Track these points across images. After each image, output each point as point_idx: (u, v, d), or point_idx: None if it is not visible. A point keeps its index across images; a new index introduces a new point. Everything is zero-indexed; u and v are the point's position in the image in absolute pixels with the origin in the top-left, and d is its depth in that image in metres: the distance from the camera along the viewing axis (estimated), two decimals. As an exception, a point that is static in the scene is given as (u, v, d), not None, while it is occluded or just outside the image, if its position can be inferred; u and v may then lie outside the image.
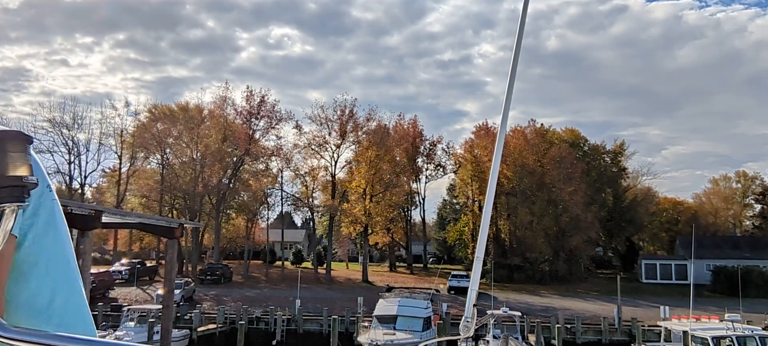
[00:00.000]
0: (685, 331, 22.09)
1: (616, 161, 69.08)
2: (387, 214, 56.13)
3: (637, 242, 71.13)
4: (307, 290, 40.11)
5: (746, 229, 70.95)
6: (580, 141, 66.90)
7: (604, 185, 64.95)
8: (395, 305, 26.49)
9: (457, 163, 64.88)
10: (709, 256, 52.05)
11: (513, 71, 2.44)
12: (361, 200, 55.02)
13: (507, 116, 2.25)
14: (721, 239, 60.75)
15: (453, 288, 44.98)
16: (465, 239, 60.31)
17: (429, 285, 38.34)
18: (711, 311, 28.46)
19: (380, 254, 72.06)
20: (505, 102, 2.37)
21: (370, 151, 54.32)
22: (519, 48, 2.56)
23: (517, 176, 55.68)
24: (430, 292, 30.53)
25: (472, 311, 2.12)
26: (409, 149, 61.86)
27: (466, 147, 62.38)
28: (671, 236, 68.63)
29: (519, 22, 2.50)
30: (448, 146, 67.20)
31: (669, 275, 54.75)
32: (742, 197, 73.06)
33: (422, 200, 67.28)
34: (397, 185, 57.83)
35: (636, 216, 66.77)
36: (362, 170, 54.75)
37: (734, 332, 21.08)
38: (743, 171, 74.66)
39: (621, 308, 32.89)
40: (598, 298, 44.79)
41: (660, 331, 25.32)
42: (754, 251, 54.17)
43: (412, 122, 64.27)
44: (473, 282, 2.21)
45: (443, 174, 68.01)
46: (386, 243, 61.94)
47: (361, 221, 54.59)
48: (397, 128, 62.45)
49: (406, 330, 24.13)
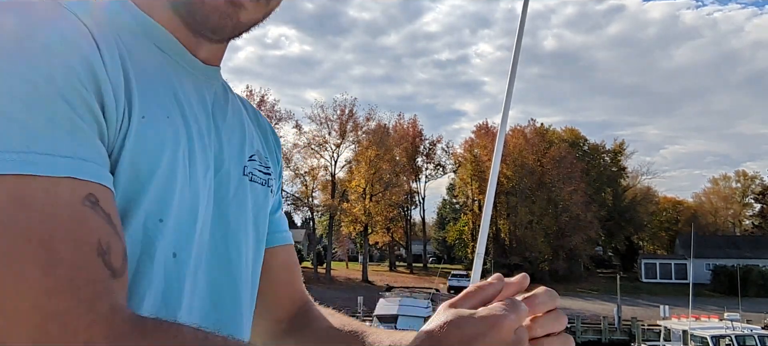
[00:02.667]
0: (685, 330, 22.12)
1: (616, 161, 69.10)
2: (387, 213, 56.17)
3: (636, 241, 71.18)
4: (307, 290, 40.00)
5: (746, 228, 70.99)
6: (580, 141, 66.91)
7: (604, 185, 64.97)
8: (396, 304, 26.52)
9: (457, 163, 64.92)
10: (709, 255, 52.09)
11: (513, 71, 2.46)
12: (360, 200, 55.06)
13: (507, 116, 2.26)
14: (720, 239, 60.76)
15: (453, 288, 44.98)
16: (465, 239, 60.35)
17: (429, 285, 38.38)
18: (711, 310, 28.50)
19: (380, 253, 72.12)
20: (505, 101, 2.38)
21: (370, 151, 54.35)
22: (519, 47, 2.57)
23: (517, 176, 55.72)
24: (430, 292, 30.55)
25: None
26: (408, 149, 61.90)
27: (465, 147, 62.46)
28: (671, 236, 68.69)
29: (519, 21, 2.51)
30: (448, 146, 67.33)
31: (669, 275, 54.79)
32: (741, 196, 73.09)
33: (422, 200, 67.33)
34: (396, 184, 57.87)
35: (636, 215, 66.79)
36: (362, 170, 54.79)
37: (734, 331, 21.10)
38: (743, 170, 74.79)
39: (621, 307, 32.93)
40: (597, 297, 44.83)
41: (660, 330, 25.34)
42: (753, 251, 54.18)
43: (412, 122, 64.37)
44: (474, 274, 2.22)
45: (443, 174, 68.09)
46: (386, 243, 61.97)
47: (361, 221, 54.62)
48: (397, 128, 62.53)
49: (407, 330, 24.16)
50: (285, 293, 1.10)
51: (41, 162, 0.57)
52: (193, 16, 0.77)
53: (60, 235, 0.57)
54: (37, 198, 0.56)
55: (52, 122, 0.59)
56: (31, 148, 0.57)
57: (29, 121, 0.58)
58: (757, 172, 74.56)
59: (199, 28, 0.79)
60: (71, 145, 0.60)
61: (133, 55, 0.73)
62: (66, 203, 0.58)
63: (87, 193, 0.60)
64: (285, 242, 1.08)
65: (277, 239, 1.06)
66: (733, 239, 61.70)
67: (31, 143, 0.57)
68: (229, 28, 0.79)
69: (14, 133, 0.57)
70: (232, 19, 0.78)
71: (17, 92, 0.58)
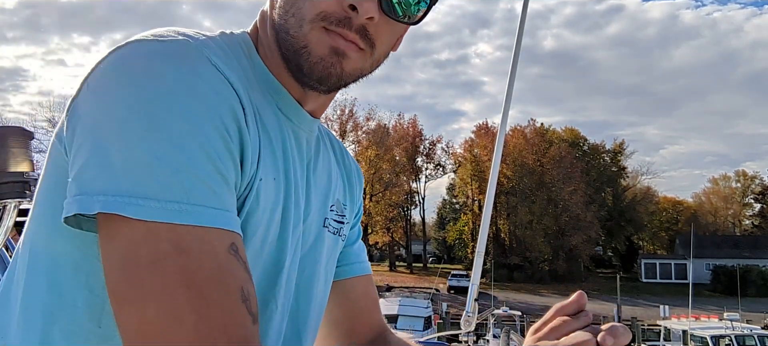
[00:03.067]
0: (685, 330, 22.12)
1: (616, 161, 69.09)
2: (387, 213, 56.22)
3: (636, 241, 71.17)
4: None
5: (746, 228, 70.99)
6: (580, 140, 66.89)
7: (604, 185, 64.97)
8: (396, 304, 26.57)
9: (457, 163, 64.93)
10: (709, 255, 52.10)
11: (513, 70, 2.45)
12: (360, 200, 55.14)
13: (507, 115, 2.27)
14: (720, 239, 60.77)
15: (453, 288, 45.00)
16: (465, 239, 60.36)
17: (429, 285, 38.40)
18: (710, 310, 28.50)
19: (380, 253, 72.12)
20: (505, 101, 2.38)
21: (370, 151, 54.41)
22: (519, 47, 2.57)
23: (517, 176, 55.73)
24: (430, 291, 30.58)
25: (474, 306, 2.14)
26: (408, 149, 61.90)
27: (465, 146, 62.47)
28: (671, 236, 68.68)
29: (519, 20, 2.52)
30: (448, 146, 67.34)
31: (668, 275, 54.80)
32: (741, 196, 73.09)
33: (422, 200, 67.32)
34: (396, 184, 57.91)
35: (635, 215, 66.79)
36: (362, 170, 54.84)
37: (733, 331, 21.10)
38: (743, 170, 74.76)
39: (621, 307, 32.95)
40: (597, 297, 44.84)
41: (659, 330, 25.35)
42: (753, 251, 54.18)
43: (412, 122, 64.36)
44: (474, 277, 2.23)
45: (443, 174, 68.09)
46: (386, 243, 61.97)
47: (361, 221, 54.66)
48: (397, 128, 62.55)
49: (408, 329, 24.21)
50: (365, 322, 1.12)
51: (196, 213, 0.62)
52: (300, 68, 0.79)
53: (213, 282, 0.60)
54: (193, 246, 0.61)
55: (205, 174, 0.64)
56: (188, 200, 0.62)
57: (186, 173, 0.62)
58: (757, 172, 74.59)
59: (306, 80, 0.80)
60: (219, 198, 0.65)
61: (262, 116, 0.77)
62: (216, 251, 0.62)
63: (231, 242, 0.64)
64: (364, 273, 1.11)
65: (356, 269, 1.10)
66: (733, 239, 61.70)
67: (187, 194, 0.62)
68: (335, 78, 0.79)
69: (174, 183, 0.62)
70: (337, 68, 0.78)
71: (177, 143, 0.63)
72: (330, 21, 0.76)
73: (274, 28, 0.82)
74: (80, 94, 0.69)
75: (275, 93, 0.83)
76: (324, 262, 0.95)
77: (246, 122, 0.71)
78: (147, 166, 0.62)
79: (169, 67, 0.67)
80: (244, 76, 0.77)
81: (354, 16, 0.76)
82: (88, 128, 0.65)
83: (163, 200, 0.61)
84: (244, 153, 0.71)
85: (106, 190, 0.61)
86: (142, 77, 0.65)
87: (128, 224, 0.60)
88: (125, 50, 0.69)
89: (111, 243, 0.62)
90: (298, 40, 0.78)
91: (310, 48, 0.77)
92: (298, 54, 0.78)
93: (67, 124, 0.70)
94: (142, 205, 0.60)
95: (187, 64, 0.68)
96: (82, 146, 0.65)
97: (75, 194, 0.63)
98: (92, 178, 0.62)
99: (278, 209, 0.80)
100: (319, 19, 0.77)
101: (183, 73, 0.67)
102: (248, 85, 0.77)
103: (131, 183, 0.61)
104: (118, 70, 0.67)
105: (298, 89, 0.85)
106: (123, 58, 0.68)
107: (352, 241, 1.10)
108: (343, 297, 1.06)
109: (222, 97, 0.69)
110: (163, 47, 0.68)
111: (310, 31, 0.77)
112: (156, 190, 0.61)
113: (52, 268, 0.74)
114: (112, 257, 0.62)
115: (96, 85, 0.68)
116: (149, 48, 0.68)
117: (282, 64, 0.82)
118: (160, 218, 0.60)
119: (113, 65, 0.68)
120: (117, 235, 0.61)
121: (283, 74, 0.83)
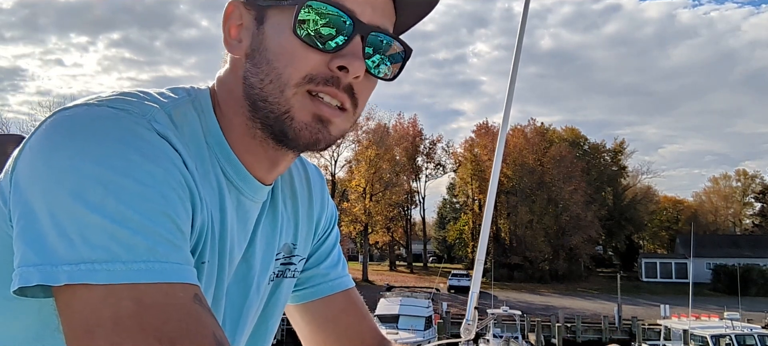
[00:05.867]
0: (685, 329, 22.14)
1: (616, 160, 69.06)
2: (387, 213, 56.17)
3: (637, 240, 71.17)
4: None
5: (746, 227, 70.96)
6: (580, 140, 66.87)
7: (604, 184, 64.96)
8: (397, 304, 26.58)
9: (457, 163, 64.90)
10: (709, 254, 52.08)
11: (514, 70, 2.43)
12: (360, 199, 55.06)
13: (508, 116, 2.24)
14: (720, 238, 60.76)
15: (453, 287, 45.02)
16: (465, 238, 60.35)
17: (429, 284, 38.40)
18: (711, 309, 28.48)
19: (380, 253, 72.10)
20: (506, 101, 2.36)
21: (370, 151, 54.34)
22: (520, 46, 2.54)
23: (517, 175, 55.70)
24: (430, 291, 30.58)
25: (473, 313, 2.11)
26: (408, 148, 61.85)
27: (465, 146, 62.44)
28: (671, 235, 68.67)
29: (520, 20, 2.50)
30: (448, 145, 67.30)
31: (669, 274, 54.78)
32: (742, 195, 73.07)
33: (422, 199, 67.28)
34: (396, 184, 57.87)
35: (636, 215, 66.78)
36: (362, 169, 54.79)
37: (734, 330, 21.12)
38: (743, 169, 74.77)
39: (621, 306, 32.95)
40: (598, 297, 44.84)
41: (660, 329, 25.36)
42: (754, 250, 54.19)
43: (412, 122, 64.31)
44: (474, 285, 2.21)
45: (443, 173, 68.07)
46: (386, 242, 61.94)
47: (361, 220, 54.62)
48: (397, 127, 62.50)
49: (409, 329, 24.21)
50: (353, 335, 1.09)
51: (159, 269, 0.63)
52: (284, 133, 0.79)
53: (183, 332, 0.61)
54: (158, 301, 0.62)
55: (165, 231, 0.65)
56: (154, 258, 0.63)
57: (147, 232, 0.64)
58: (758, 171, 74.64)
59: (293, 145, 0.81)
60: (180, 252, 0.67)
61: (199, 187, 0.76)
62: (182, 303, 0.63)
63: (194, 293, 0.66)
64: (334, 291, 1.08)
65: (327, 288, 1.08)
66: (734, 238, 61.69)
67: (151, 252, 0.63)
68: (324, 143, 0.80)
69: (137, 244, 0.63)
70: (324, 133, 0.79)
71: (133, 204, 0.64)
72: (316, 82, 0.77)
73: (247, 97, 0.80)
74: (24, 157, 0.68)
75: (224, 159, 0.83)
76: (261, 313, 0.96)
77: (198, 192, 0.74)
78: (107, 231, 0.62)
79: (115, 131, 0.67)
80: (190, 140, 0.78)
81: (343, 76, 0.77)
82: (37, 195, 0.64)
83: (128, 262, 0.61)
84: (194, 212, 0.73)
85: (69, 259, 0.60)
86: (90, 142, 0.65)
87: (88, 290, 0.60)
88: (69, 113, 0.69)
89: (70, 310, 0.61)
90: (280, 105, 0.77)
91: (293, 113, 0.77)
92: (280, 120, 0.78)
93: (12, 190, 0.68)
94: (109, 269, 0.61)
95: (131, 129, 0.68)
96: (33, 213, 0.64)
97: (36, 263, 0.62)
98: (52, 247, 0.61)
99: (210, 290, 0.82)
100: (304, 82, 0.77)
101: (130, 137, 0.67)
102: (193, 150, 0.78)
103: (92, 249, 0.61)
104: (64, 134, 0.66)
105: (270, 152, 0.84)
106: (68, 122, 0.68)
107: (319, 261, 1.07)
108: (321, 319, 1.05)
109: (169, 159, 0.70)
110: (106, 112, 0.69)
111: (293, 96, 0.77)
112: (119, 253, 0.61)
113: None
114: (73, 324, 0.61)
115: (41, 150, 0.67)
116: (93, 113, 0.69)
117: (248, 129, 0.82)
118: (122, 279, 0.61)
119: (57, 130, 0.67)
120: (77, 301, 0.61)
121: (245, 139, 0.83)
